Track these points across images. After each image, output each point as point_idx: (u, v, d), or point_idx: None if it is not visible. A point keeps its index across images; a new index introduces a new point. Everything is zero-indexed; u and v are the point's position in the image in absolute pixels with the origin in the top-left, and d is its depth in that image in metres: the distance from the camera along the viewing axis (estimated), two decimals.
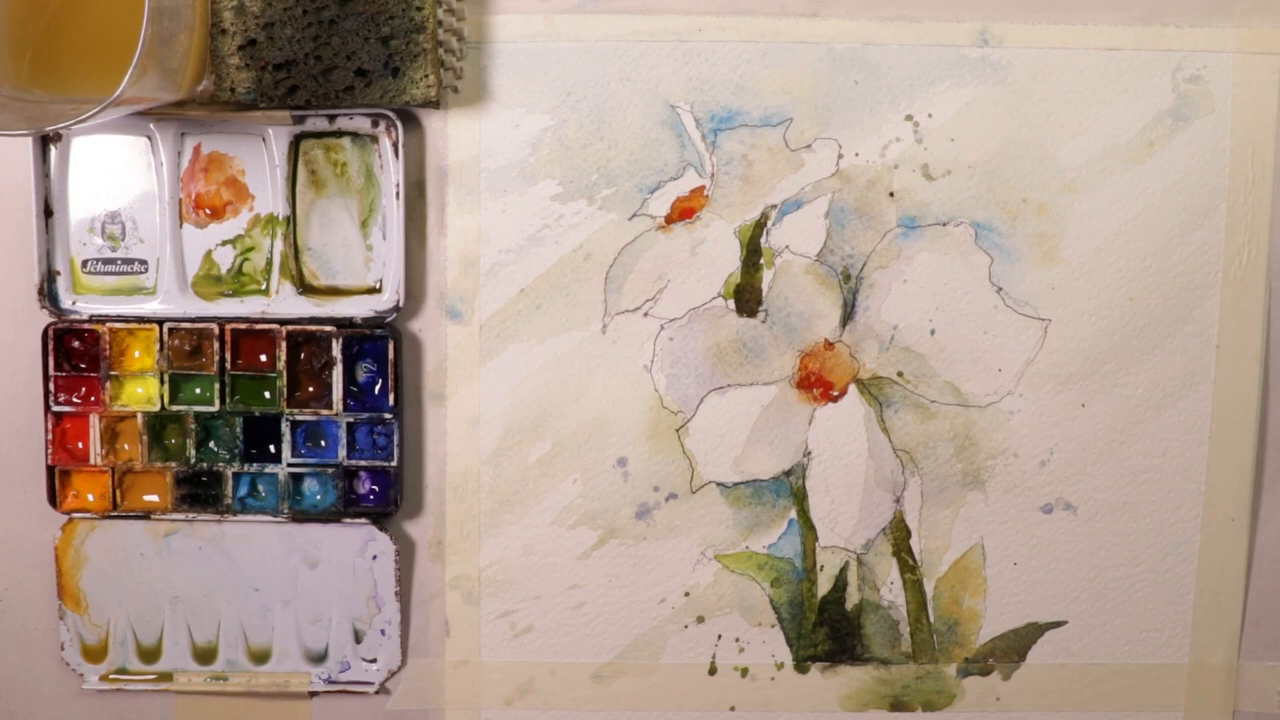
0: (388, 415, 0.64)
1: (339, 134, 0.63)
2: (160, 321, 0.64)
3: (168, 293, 0.64)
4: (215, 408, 0.64)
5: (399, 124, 0.62)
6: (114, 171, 0.63)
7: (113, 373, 0.64)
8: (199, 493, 0.65)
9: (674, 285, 0.64)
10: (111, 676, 0.66)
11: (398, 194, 0.63)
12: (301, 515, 0.65)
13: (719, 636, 0.67)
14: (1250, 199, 0.64)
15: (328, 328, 0.64)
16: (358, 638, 0.66)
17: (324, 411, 0.64)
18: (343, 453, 0.64)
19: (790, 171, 0.64)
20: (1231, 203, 0.64)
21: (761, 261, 0.64)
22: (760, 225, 0.64)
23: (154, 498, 0.65)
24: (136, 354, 0.64)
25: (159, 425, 0.64)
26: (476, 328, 0.64)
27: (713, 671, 0.67)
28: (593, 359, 0.65)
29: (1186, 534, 0.66)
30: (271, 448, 0.65)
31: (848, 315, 0.65)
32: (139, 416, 0.64)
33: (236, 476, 0.65)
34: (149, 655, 0.66)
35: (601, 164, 0.63)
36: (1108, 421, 0.65)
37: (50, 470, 0.65)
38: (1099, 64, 0.63)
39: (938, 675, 0.67)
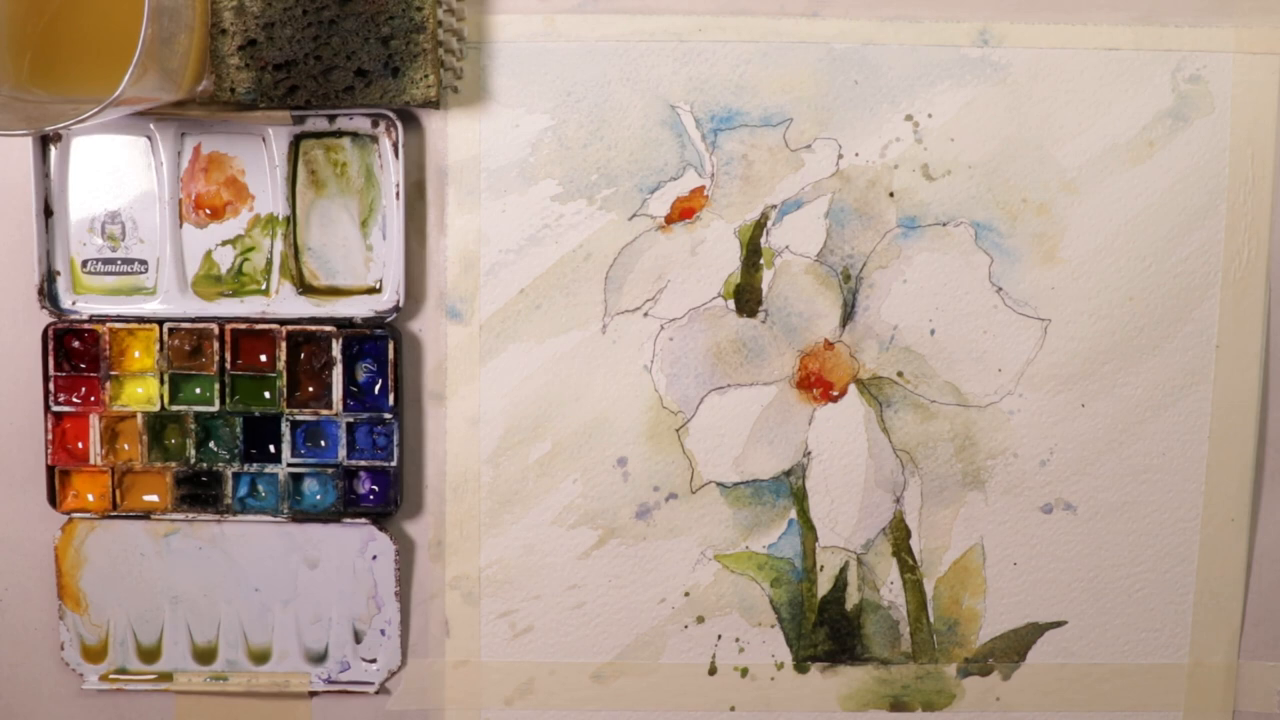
0: (388, 415, 0.64)
1: (339, 134, 0.63)
2: (160, 321, 0.64)
3: (168, 293, 0.64)
4: (215, 408, 0.64)
5: (399, 124, 0.62)
6: (114, 171, 0.63)
7: (113, 373, 0.64)
8: (199, 493, 0.65)
9: (674, 285, 0.64)
10: (111, 676, 0.66)
11: (398, 194, 0.63)
12: (301, 515, 0.65)
13: (719, 636, 0.67)
14: (1250, 199, 0.64)
15: (328, 328, 0.64)
16: (358, 638, 0.66)
17: (324, 411, 0.64)
18: (343, 453, 0.64)
19: (790, 171, 0.64)
20: (1231, 203, 0.64)
21: (761, 261, 0.64)
22: (760, 225, 0.64)
23: (154, 498, 0.65)
24: (136, 354, 0.64)
25: (159, 425, 0.64)
26: (476, 328, 0.64)
27: (713, 671, 0.67)
28: (593, 359, 0.65)
29: (1186, 534, 0.66)
30: (271, 448, 0.65)
31: (848, 315, 0.65)
32: (139, 416, 0.64)
33: (236, 476, 0.65)
34: (149, 655, 0.66)
35: (601, 164, 0.63)
36: (1108, 421, 0.65)
37: (50, 470, 0.65)
38: (1099, 64, 0.63)
39: (938, 675, 0.67)
